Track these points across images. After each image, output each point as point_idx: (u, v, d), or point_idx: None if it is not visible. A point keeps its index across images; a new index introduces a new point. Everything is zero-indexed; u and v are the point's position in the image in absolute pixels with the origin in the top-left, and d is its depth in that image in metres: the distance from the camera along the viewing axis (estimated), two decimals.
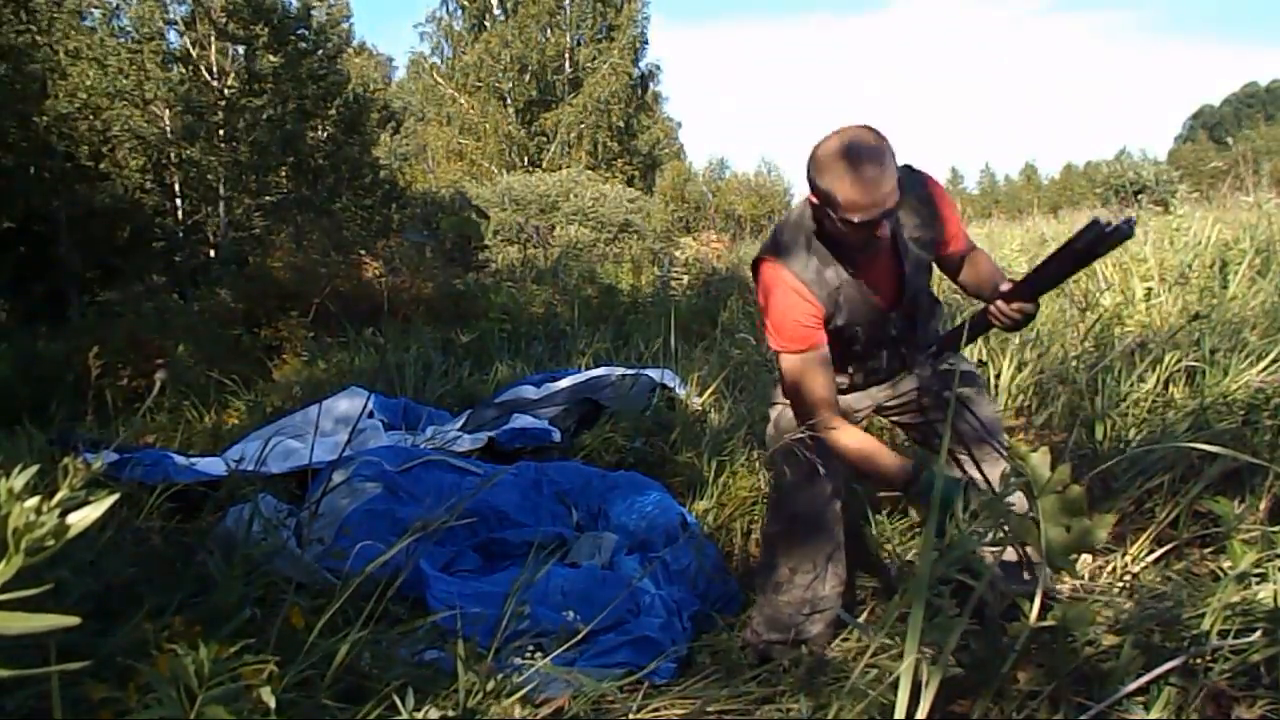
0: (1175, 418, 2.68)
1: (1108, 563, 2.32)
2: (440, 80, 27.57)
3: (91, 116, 12.84)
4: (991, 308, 1.93)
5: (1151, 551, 2.25)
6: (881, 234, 1.83)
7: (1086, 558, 2.35)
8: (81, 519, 0.61)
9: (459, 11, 27.77)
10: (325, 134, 15.61)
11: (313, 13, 15.34)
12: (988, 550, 2.09)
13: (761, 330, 2.37)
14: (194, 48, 13.99)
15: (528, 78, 26.20)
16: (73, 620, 0.58)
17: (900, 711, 0.99)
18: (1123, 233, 1.69)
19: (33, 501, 0.60)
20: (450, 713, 1.33)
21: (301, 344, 6.54)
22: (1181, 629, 1.53)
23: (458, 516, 2.35)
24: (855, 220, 1.75)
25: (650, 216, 20.41)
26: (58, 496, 0.62)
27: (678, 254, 10.76)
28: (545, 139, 26.48)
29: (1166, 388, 2.95)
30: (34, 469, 0.61)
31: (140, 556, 1.85)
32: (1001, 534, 1.42)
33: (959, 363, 2.21)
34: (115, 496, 0.64)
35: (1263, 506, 2.27)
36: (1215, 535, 2.23)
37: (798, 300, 1.93)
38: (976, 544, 1.32)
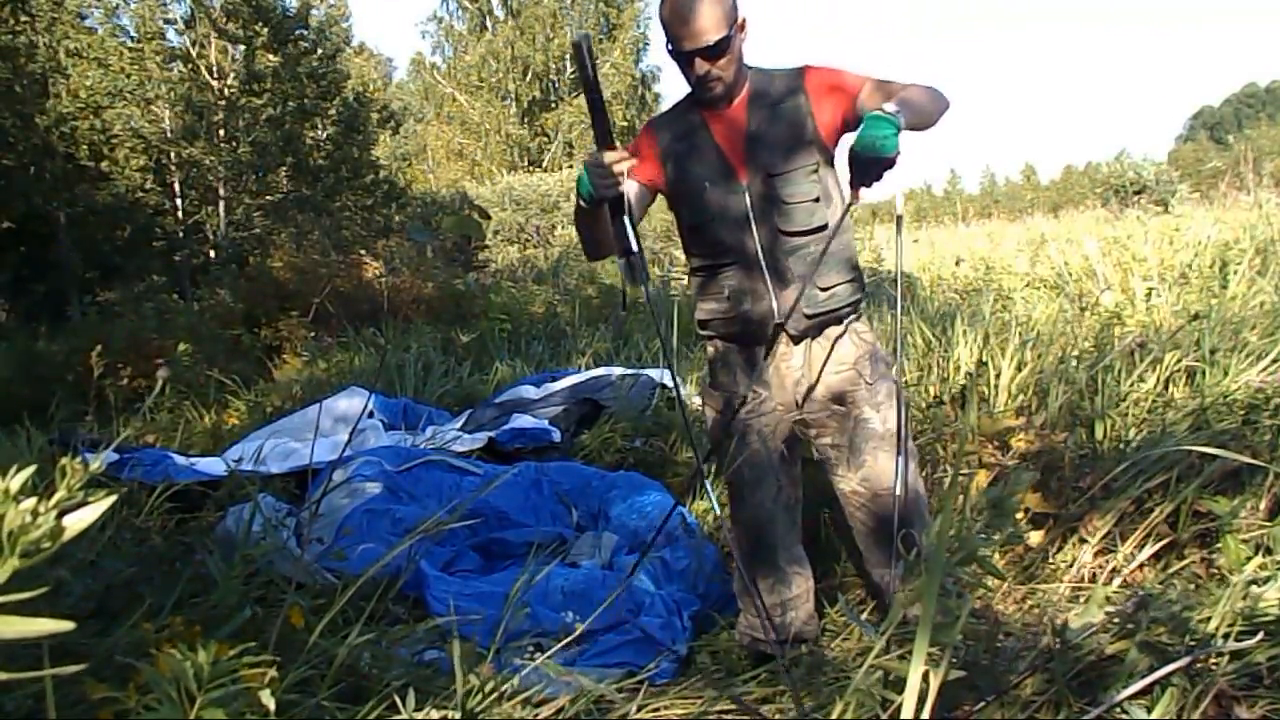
0: (1175, 417, 2.68)
1: (1107, 562, 2.32)
2: (441, 80, 27.56)
3: (92, 116, 12.83)
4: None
5: (1142, 546, 2.25)
6: (708, 81, 1.91)
7: (1086, 557, 2.35)
8: (78, 520, 0.61)
9: (460, 12, 27.76)
10: (325, 134, 15.60)
11: (312, 12, 15.33)
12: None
13: None
14: (194, 47, 13.98)
15: (529, 77, 26.20)
16: (67, 625, 0.58)
17: (908, 712, 0.99)
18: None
19: (29, 503, 0.59)
20: (450, 713, 1.33)
21: (301, 344, 6.54)
22: (1186, 631, 1.53)
23: (458, 517, 2.35)
24: (673, 49, 1.91)
25: (650, 216, 20.40)
26: (55, 497, 0.61)
27: (678, 254, 10.75)
28: (547, 139, 26.48)
29: (1166, 387, 2.95)
30: (31, 469, 0.61)
31: (140, 556, 1.84)
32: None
33: (856, 341, 2.04)
34: (113, 498, 0.64)
35: (1263, 506, 2.27)
36: (1214, 534, 2.23)
37: (641, 134, 2.09)
38: (983, 543, 1.32)
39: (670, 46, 1.91)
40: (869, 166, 1.72)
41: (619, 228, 1.88)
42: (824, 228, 1.97)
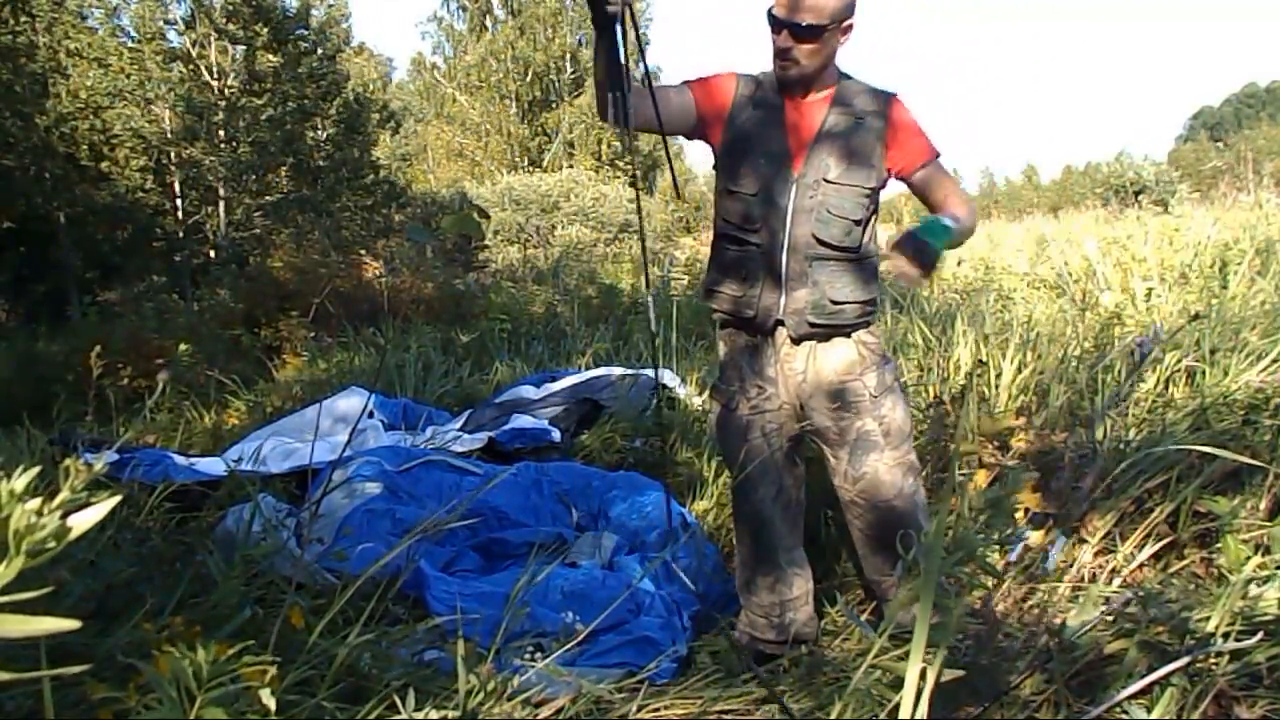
0: (1175, 417, 2.68)
1: (1107, 562, 2.32)
2: (441, 80, 27.57)
3: (92, 116, 12.83)
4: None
5: (1142, 546, 2.25)
6: (785, 57, 1.89)
7: (1086, 557, 2.35)
8: (83, 521, 0.61)
9: (460, 12, 27.77)
10: (325, 134, 15.60)
11: (312, 12, 15.34)
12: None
13: None
14: (194, 48, 13.98)
15: (529, 77, 26.20)
16: (73, 624, 0.58)
17: (905, 712, 0.99)
18: None
19: (34, 503, 0.59)
20: (450, 713, 1.33)
21: (301, 344, 6.54)
22: (1186, 630, 1.53)
23: (458, 517, 2.35)
24: (771, 10, 1.88)
25: (651, 216, 20.41)
26: (59, 498, 0.62)
27: (678, 254, 10.77)
28: (547, 139, 26.49)
29: (1166, 387, 2.95)
30: (35, 470, 0.61)
31: (140, 556, 1.84)
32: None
33: (856, 345, 2.03)
34: (117, 498, 0.64)
35: (1263, 505, 2.27)
36: (1214, 534, 2.23)
37: (726, 74, 2.06)
38: (982, 542, 1.32)
39: (771, 7, 1.89)
40: (923, 250, 1.75)
41: (612, 52, 1.84)
42: (855, 249, 1.98)
